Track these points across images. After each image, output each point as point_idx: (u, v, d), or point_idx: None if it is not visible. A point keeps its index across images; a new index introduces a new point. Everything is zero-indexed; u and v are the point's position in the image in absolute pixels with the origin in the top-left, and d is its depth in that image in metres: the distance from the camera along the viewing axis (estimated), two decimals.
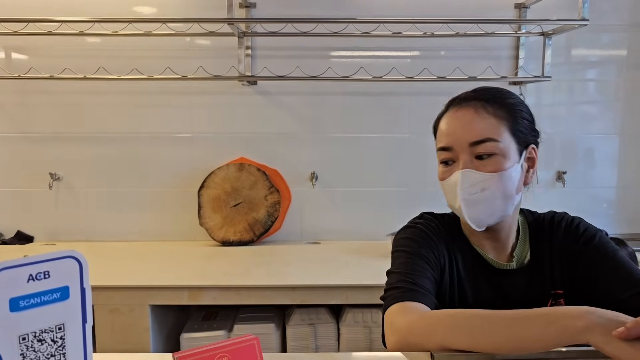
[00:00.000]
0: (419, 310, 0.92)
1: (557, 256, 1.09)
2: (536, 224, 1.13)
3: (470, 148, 1.01)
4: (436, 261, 1.06)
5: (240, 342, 0.72)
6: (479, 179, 1.00)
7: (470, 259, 1.08)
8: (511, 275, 1.07)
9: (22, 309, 0.57)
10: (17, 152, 2.72)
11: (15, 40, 2.61)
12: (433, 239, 1.09)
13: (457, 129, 1.03)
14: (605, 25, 2.73)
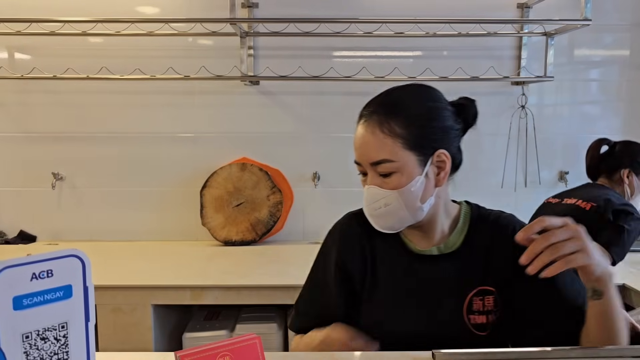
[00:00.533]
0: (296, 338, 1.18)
1: (496, 255, 1.09)
2: (479, 219, 1.15)
3: (373, 168, 1.04)
4: (340, 266, 1.14)
5: (242, 341, 0.72)
6: (381, 195, 1.04)
7: (392, 246, 1.13)
8: (432, 261, 1.10)
9: (25, 308, 0.57)
10: (20, 152, 2.73)
11: (18, 40, 2.61)
12: (335, 247, 1.16)
13: (360, 147, 1.06)
14: (608, 25, 2.72)
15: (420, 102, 1.07)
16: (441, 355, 0.80)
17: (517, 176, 2.78)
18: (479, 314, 1.04)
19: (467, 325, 1.03)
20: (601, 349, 0.79)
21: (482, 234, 1.12)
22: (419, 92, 1.09)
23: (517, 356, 0.78)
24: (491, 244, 1.10)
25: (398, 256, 1.12)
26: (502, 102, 2.74)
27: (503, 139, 2.76)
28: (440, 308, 1.06)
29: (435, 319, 1.06)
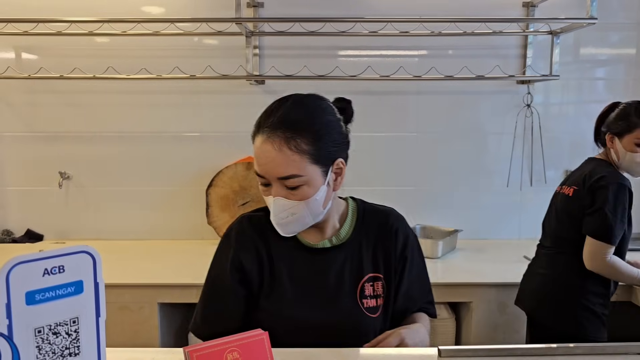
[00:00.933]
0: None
1: (381, 245, 1.23)
2: (366, 213, 1.26)
3: (280, 181, 1.09)
4: (237, 266, 1.19)
5: (249, 337, 0.73)
6: (289, 205, 1.10)
7: (287, 243, 1.19)
8: (325, 253, 1.20)
9: (37, 303, 0.58)
10: (27, 151, 2.75)
11: (25, 40, 2.63)
12: (231, 249, 1.20)
13: (267, 163, 1.08)
14: (614, 23, 2.72)
15: (321, 118, 1.13)
16: (447, 352, 0.81)
17: (522, 175, 2.77)
18: (370, 298, 1.17)
19: (361, 309, 1.15)
20: (607, 345, 0.79)
21: (369, 226, 1.24)
22: (316, 106, 1.15)
23: (522, 352, 0.78)
24: (377, 234, 1.23)
25: (294, 252, 1.19)
26: (507, 101, 2.74)
27: (509, 138, 2.75)
28: (336, 294, 1.16)
29: (332, 304, 1.15)
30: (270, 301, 1.16)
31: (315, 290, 1.16)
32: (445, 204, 2.80)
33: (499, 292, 2.14)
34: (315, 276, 1.17)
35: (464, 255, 2.51)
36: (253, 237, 1.20)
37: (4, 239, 2.70)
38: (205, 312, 1.22)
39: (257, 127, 1.11)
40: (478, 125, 2.77)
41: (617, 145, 1.86)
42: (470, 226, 2.70)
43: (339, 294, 1.16)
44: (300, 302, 1.15)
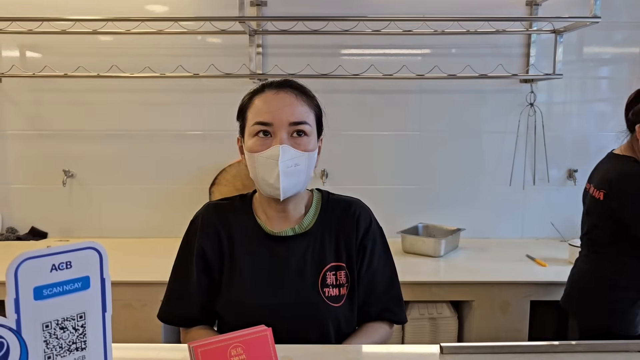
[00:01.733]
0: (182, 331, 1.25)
1: (343, 235, 1.23)
2: (330, 203, 1.27)
3: (289, 127, 1.13)
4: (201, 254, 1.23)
5: (253, 333, 0.74)
6: (294, 154, 1.13)
7: (250, 230, 1.22)
8: (287, 241, 1.20)
9: (45, 298, 0.59)
10: (31, 150, 2.76)
11: (29, 38, 2.65)
12: (196, 236, 1.24)
13: (281, 107, 1.13)
14: (618, 22, 2.71)
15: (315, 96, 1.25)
16: (449, 349, 0.81)
17: (525, 174, 2.77)
18: (332, 287, 1.17)
19: (322, 297, 1.15)
20: (608, 343, 0.80)
21: (332, 216, 1.24)
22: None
23: (523, 349, 0.79)
24: (341, 225, 1.24)
25: (256, 239, 1.21)
26: (510, 99, 2.74)
27: (511, 137, 2.75)
28: (298, 282, 1.16)
29: (293, 291, 1.16)
30: (231, 289, 1.18)
31: (277, 278, 1.17)
32: (448, 203, 2.80)
33: (501, 291, 2.14)
34: (276, 264, 1.17)
35: (466, 254, 2.51)
36: (216, 223, 1.23)
37: (9, 236, 2.72)
38: (170, 298, 1.25)
39: (258, 90, 1.20)
40: (481, 124, 2.77)
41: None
42: (472, 225, 2.70)
43: (299, 282, 1.17)
44: (261, 290, 1.16)
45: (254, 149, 1.14)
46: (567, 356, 0.79)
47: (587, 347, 0.81)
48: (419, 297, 2.15)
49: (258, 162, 1.13)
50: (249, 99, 1.21)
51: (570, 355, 0.80)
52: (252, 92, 1.22)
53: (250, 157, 1.15)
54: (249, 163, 1.17)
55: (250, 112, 1.18)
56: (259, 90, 1.20)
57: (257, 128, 1.14)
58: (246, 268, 1.18)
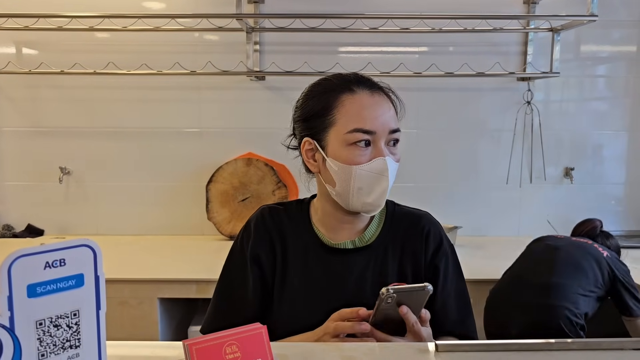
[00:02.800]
0: None
1: (408, 250, 1.11)
2: (395, 215, 1.14)
3: (388, 136, 1.02)
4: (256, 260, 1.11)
5: (248, 331, 0.74)
6: (395, 167, 1.03)
7: (306, 241, 1.11)
8: (346, 254, 1.09)
9: (39, 295, 0.58)
10: (27, 147, 2.75)
11: (26, 35, 2.64)
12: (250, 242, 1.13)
13: (383, 114, 1.02)
14: (615, 21, 2.72)
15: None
16: (444, 347, 0.82)
17: (522, 172, 2.78)
18: None
19: None
20: (602, 341, 0.80)
21: (398, 229, 1.12)
22: None
23: (518, 347, 0.79)
24: (405, 238, 1.11)
25: (312, 250, 1.10)
26: (507, 98, 2.75)
27: (508, 135, 2.76)
28: (354, 300, 1.01)
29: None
30: (282, 303, 1.09)
31: (332, 295, 1.06)
32: (445, 201, 2.80)
33: None
34: (333, 279, 1.06)
35: (463, 252, 2.51)
36: (270, 230, 1.12)
37: (5, 233, 2.71)
38: (222, 307, 1.14)
39: (346, 86, 1.04)
40: (478, 122, 2.77)
41: None
42: (469, 223, 2.70)
43: (356, 302, 1.00)
44: (314, 308, 1.04)
45: (352, 159, 1.00)
46: (562, 354, 0.80)
47: (581, 345, 0.81)
48: None
49: (358, 175, 1.00)
50: (334, 97, 1.03)
51: (565, 353, 0.80)
52: (334, 88, 1.06)
53: (345, 168, 1.00)
54: (340, 175, 1.01)
55: (341, 115, 1.02)
56: (344, 88, 1.04)
57: (358, 137, 0.99)
58: (299, 281, 1.08)
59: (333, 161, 1.02)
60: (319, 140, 1.05)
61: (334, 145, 1.02)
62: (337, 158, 1.01)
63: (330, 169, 1.03)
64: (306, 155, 1.09)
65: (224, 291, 1.15)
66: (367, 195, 1.01)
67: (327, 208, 1.11)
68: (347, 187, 1.01)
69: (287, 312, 1.08)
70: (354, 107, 1.01)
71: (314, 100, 1.07)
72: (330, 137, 1.03)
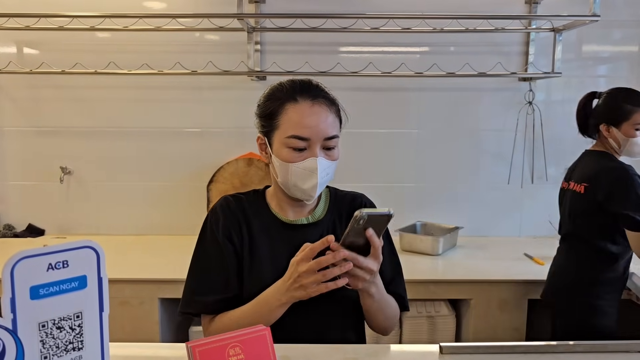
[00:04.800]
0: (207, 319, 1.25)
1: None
2: (337, 196, 1.36)
3: (323, 141, 1.19)
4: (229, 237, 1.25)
5: (251, 333, 0.73)
6: (328, 165, 1.20)
7: (268, 222, 1.28)
8: (302, 228, 1.28)
9: (42, 297, 0.58)
10: (28, 146, 2.75)
11: (27, 35, 2.63)
12: (219, 221, 1.26)
13: (318, 123, 1.17)
14: (617, 21, 2.71)
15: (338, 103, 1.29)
16: (448, 348, 0.81)
17: (523, 172, 2.77)
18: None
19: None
20: (608, 343, 0.80)
21: (341, 206, 1.33)
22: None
23: (524, 349, 0.79)
24: (348, 212, 1.30)
25: (273, 228, 1.27)
26: (509, 98, 2.74)
27: (510, 135, 2.75)
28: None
29: None
30: (252, 275, 1.22)
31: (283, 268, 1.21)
32: (446, 201, 2.80)
33: (499, 290, 2.14)
34: (293, 250, 1.18)
35: (464, 252, 2.51)
36: (236, 213, 1.26)
37: (6, 233, 2.71)
38: (198, 284, 1.24)
39: (288, 96, 1.18)
40: (479, 122, 2.77)
41: (615, 133, 1.88)
42: (471, 223, 2.70)
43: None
44: (280, 275, 1.17)
45: (288, 159, 1.17)
46: (567, 356, 0.79)
47: (587, 347, 0.80)
48: (416, 296, 2.15)
49: (293, 171, 1.18)
50: (280, 105, 1.19)
51: (570, 355, 0.79)
52: (282, 96, 1.20)
53: (283, 165, 1.18)
54: (280, 169, 1.19)
55: (283, 121, 1.18)
56: (289, 97, 1.19)
57: (293, 142, 1.16)
58: (266, 255, 1.23)
59: (276, 158, 1.19)
60: (268, 138, 1.22)
61: (277, 145, 1.19)
62: (278, 156, 1.18)
63: (275, 164, 1.21)
64: (260, 148, 1.26)
65: (201, 270, 1.25)
66: (302, 187, 1.20)
67: (279, 194, 1.28)
68: (286, 180, 1.19)
69: (257, 280, 1.20)
70: (294, 116, 1.17)
71: (267, 103, 1.22)
72: (275, 138, 1.20)
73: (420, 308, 2.22)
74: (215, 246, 1.24)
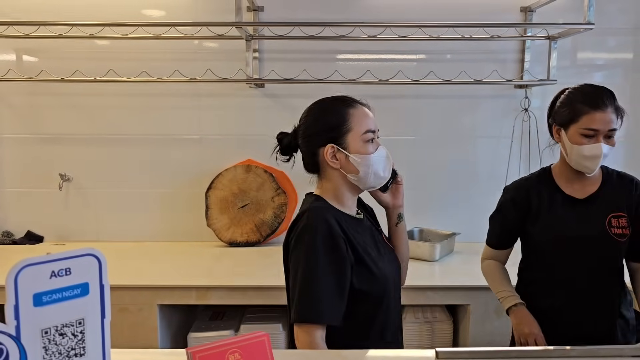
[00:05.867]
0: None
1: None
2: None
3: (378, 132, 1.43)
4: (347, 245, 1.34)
5: (251, 339, 0.74)
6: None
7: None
8: (362, 221, 1.45)
9: (44, 304, 0.59)
10: (27, 153, 2.76)
11: (26, 42, 2.65)
12: (335, 230, 1.32)
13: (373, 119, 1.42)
14: (612, 28, 2.74)
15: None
16: (444, 354, 0.82)
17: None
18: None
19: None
20: (601, 348, 0.81)
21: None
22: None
23: (517, 354, 0.80)
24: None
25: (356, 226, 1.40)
26: (505, 105, 2.76)
27: (506, 142, 2.77)
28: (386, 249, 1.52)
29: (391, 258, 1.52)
30: (365, 278, 1.31)
31: (377, 252, 1.40)
32: (443, 207, 2.81)
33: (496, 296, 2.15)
34: (371, 242, 1.39)
35: (461, 258, 2.52)
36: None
37: (4, 240, 2.71)
38: (334, 293, 1.25)
39: (347, 103, 1.39)
40: (476, 129, 2.79)
41: (563, 138, 1.58)
42: (467, 229, 2.71)
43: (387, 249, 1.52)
44: (380, 268, 1.34)
45: (370, 150, 1.36)
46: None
47: (581, 352, 0.81)
48: (414, 302, 2.15)
49: (375, 160, 1.36)
50: (345, 112, 1.36)
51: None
52: (340, 106, 1.38)
53: (366, 158, 1.34)
54: (362, 163, 1.34)
55: (354, 123, 1.35)
56: (349, 104, 1.39)
57: (370, 135, 1.36)
58: (364, 251, 1.36)
59: (357, 155, 1.34)
60: (340, 144, 1.35)
61: (356, 144, 1.35)
62: (358, 152, 1.34)
63: (354, 162, 1.34)
64: (331, 157, 1.36)
65: (335, 278, 1.27)
66: (381, 173, 1.40)
67: (343, 189, 1.41)
68: (367, 171, 1.35)
69: (369, 274, 1.35)
70: (362, 116, 1.38)
71: (327, 117, 1.38)
72: (349, 139, 1.35)
73: (417, 314, 2.23)
74: (339, 252, 1.33)
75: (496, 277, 1.76)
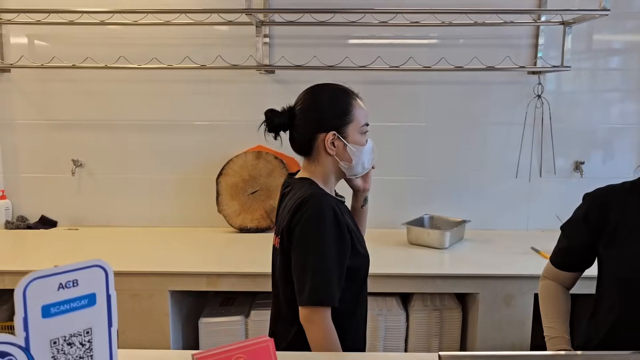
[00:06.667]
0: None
1: None
2: None
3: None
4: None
5: (255, 344, 0.76)
6: None
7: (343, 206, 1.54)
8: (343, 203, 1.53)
9: (53, 315, 0.61)
10: (40, 139, 2.79)
11: (38, 29, 2.66)
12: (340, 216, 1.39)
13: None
14: (629, 12, 2.67)
15: None
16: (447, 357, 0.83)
17: (531, 166, 2.77)
18: None
19: None
20: (605, 354, 0.81)
21: None
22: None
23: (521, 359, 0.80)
24: None
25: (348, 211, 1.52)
26: (518, 91, 2.72)
27: (518, 129, 2.74)
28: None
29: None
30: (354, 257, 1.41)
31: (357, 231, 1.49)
32: (454, 194, 2.81)
33: (505, 284, 2.15)
34: (351, 222, 1.47)
35: (471, 245, 2.52)
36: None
37: (19, 224, 2.76)
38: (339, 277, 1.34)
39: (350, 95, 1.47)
40: (488, 115, 2.76)
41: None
42: (478, 217, 2.71)
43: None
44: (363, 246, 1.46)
45: (364, 142, 1.44)
46: None
47: (584, 358, 0.82)
48: (423, 289, 2.16)
49: (366, 152, 1.45)
50: (349, 103, 1.43)
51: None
52: (345, 96, 1.44)
53: (361, 149, 1.43)
54: (357, 153, 1.42)
55: (358, 114, 1.43)
56: (351, 95, 1.45)
57: (366, 128, 1.45)
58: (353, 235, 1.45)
59: (354, 145, 1.42)
60: (341, 133, 1.41)
61: (355, 135, 1.43)
62: (358, 143, 1.43)
63: (350, 151, 1.42)
64: (329, 145, 1.41)
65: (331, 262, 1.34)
66: (366, 164, 1.48)
67: (331, 175, 1.48)
68: (357, 161, 1.44)
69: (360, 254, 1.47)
70: (362, 109, 1.46)
71: (334, 105, 1.43)
72: (350, 129, 1.42)
73: (426, 302, 2.25)
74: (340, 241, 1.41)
75: (548, 305, 1.41)
